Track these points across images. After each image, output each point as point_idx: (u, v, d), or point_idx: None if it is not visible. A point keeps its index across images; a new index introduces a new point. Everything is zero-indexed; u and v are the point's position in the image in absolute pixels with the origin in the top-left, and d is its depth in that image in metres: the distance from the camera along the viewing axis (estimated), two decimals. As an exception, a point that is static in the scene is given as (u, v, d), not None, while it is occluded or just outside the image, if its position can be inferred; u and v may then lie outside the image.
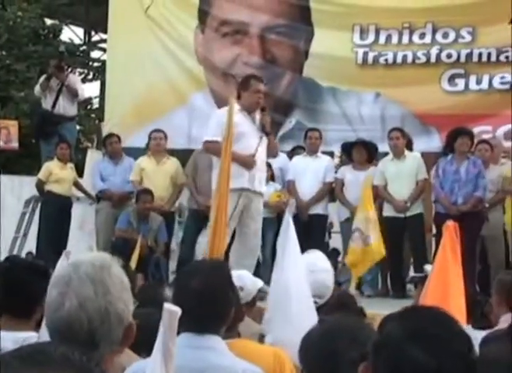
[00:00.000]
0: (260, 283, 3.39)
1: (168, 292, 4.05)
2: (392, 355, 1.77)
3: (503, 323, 4.27)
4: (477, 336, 3.46)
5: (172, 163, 9.80)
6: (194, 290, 2.80)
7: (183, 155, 10.03)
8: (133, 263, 7.85)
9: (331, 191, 9.52)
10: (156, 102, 10.73)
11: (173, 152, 10.05)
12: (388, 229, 8.52)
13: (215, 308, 2.81)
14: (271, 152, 7.95)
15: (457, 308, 3.51)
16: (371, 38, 10.26)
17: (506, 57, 9.84)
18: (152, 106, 10.71)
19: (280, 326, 3.39)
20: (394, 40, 10.20)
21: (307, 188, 9.31)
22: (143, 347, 2.58)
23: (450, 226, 4.08)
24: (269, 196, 9.13)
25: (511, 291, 4.64)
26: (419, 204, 9.00)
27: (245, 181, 7.40)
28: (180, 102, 10.82)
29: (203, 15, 10.88)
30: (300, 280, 3.51)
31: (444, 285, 3.78)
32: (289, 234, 3.65)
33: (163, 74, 10.91)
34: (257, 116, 7.59)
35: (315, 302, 3.81)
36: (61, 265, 3.86)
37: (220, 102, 10.61)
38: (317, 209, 9.32)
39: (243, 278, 3.07)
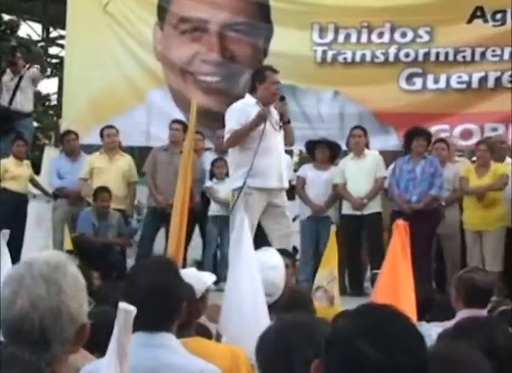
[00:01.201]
0: (209, 281, 3.37)
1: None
2: (343, 351, 1.78)
3: (458, 318, 4.31)
4: (431, 332, 3.50)
5: (125, 160, 9.74)
6: (143, 287, 2.79)
7: (141, 153, 9.98)
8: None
9: (291, 188, 9.53)
10: (115, 100, 10.67)
11: (131, 149, 10.00)
12: (346, 227, 8.57)
13: (164, 305, 2.80)
14: (289, 140, 7.80)
15: (407, 305, 3.54)
16: (330, 37, 10.30)
17: (464, 57, 9.95)
18: (111, 103, 10.64)
19: (235, 325, 3.38)
20: (353, 38, 10.26)
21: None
22: (99, 347, 2.57)
23: (400, 225, 4.11)
24: (227, 194, 9.12)
25: (470, 287, 4.70)
26: (377, 203, 9.05)
27: (272, 180, 7.32)
28: (138, 100, 10.77)
29: (162, 11, 10.83)
30: (254, 278, 3.51)
31: (394, 283, 3.81)
32: (243, 232, 3.64)
33: (121, 71, 10.85)
34: (272, 106, 7.43)
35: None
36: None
37: (178, 99, 10.61)
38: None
39: (189, 276, 3.07)
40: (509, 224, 8.83)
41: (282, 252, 4.67)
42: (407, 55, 10.06)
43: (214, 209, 9.25)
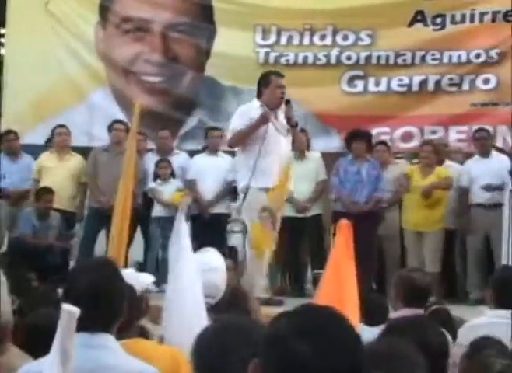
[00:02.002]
0: (147, 281, 3.36)
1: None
2: (280, 352, 1.79)
3: (394, 317, 4.37)
4: (367, 334, 3.54)
5: (75, 160, 9.65)
6: (82, 288, 2.77)
7: (83, 153, 9.89)
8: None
9: (234, 190, 9.55)
10: (56, 99, 10.54)
11: (72, 149, 9.90)
12: (288, 229, 8.61)
13: (104, 305, 2.78)
14: (298, 144, 7.80)
15: (351, 306, 3.56)
16: (273, 38, 10.35)
17: (404, 60, 10.06)
18: (52, 103, 10.52)
19: (175, 327, 3.38)
20: (296, 41, 10.31)
21: (209, 187, 9.31)
22: (41, 348, 2.55)
23: (343, 225, 4.14)
24: (172, 195, 9.11)
25: (409, 287, 4.78)
26: (318, 205, 9.12)
27: (272, 181, 7.34)
28: (80, 99, 10.66)
29: (104, 10, 10.73)
30: (194, 280, 3.50)
31: (338, 284, 3.83)
32: (181, 234, 3.62)
33: (63, 70, 10.72)
34: (280, 112, 7.49)
35: (205, 302, 3.83)
36: None
37: (121, 99, 10.54)
38: (220, 208, 9.34)
39: (127, 277, 3.05)
40: (448, 225, 8.98)
41: (224, 253, 4.67)
42: (349, 58, 10.15)
43: (157, 210, 9.21)
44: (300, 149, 8.83)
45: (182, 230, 3.61)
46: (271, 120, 7.28)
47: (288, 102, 7.54)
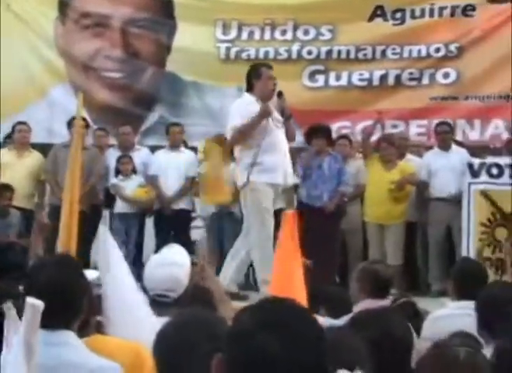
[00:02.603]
0: (92, 277, 3.31)
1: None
2: (245, 346, 1.78)
3: (358, 309, 4.38)
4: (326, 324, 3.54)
5: (33, 157, 9.54)
6: (43, 284, 2.74)
7: (43, 149, 9.79)
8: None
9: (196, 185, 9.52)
10: (16, 95, 10.43)
11: (33, 146, 9.79)
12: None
13: (65, 302, 2.75)
14: (291, 137, 7.75)
15: (299, 295, 3.55)
16: (234, 33, 10.33)
17: (365, 55, 10.10)
18: (12, 99, 10.39)
19: (117, 328, 3.32)
20: (257, 36, 10.31)
21: (171, 183, 9.27)
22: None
23: (288, 215, 4.12)
24: (134, 191, 9.06)
25: (372, 278, 4.81)
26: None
27: (279, 176, 7.27)
28: (40, 95, 10.56)
29: (63, 6, 10.63)
30: (125, 281, 3.42)
31: (286, 273, 3.83)
32: (107, 243, 3.50)
33: (22, 66, 10.61)
34: (271, 103, 7.42)
35: (167, 296, 3.80)
36: None
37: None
38: (181, 204, 9.31)
39: None
40: (409, 218, 9.03)
41: (190, 250, 4.67)
42: (309, 53, 10.17)
43: (120, 206, 9.15)
44: None
45: (107, 240, 3.50)
46: (272, 114, 7.23)
47: (280, 94, 7.47)
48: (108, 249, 3.43)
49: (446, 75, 9.98)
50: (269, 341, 1.74)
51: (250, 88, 7.50)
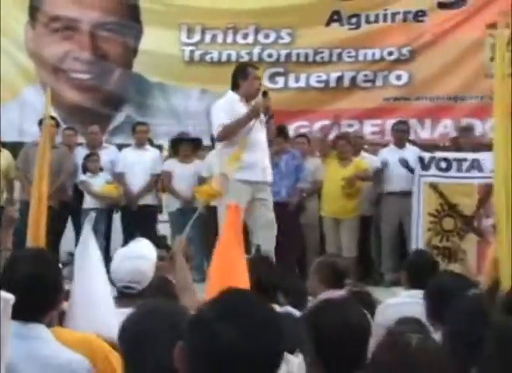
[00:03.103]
0: None
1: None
2: (204, 334, 1.78)
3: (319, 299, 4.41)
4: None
5: (3, 156, 9.43)
6: (18, 278, 2.70)
7: (13, 148, 9.70)
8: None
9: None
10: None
11: (3, 145, 9.69)
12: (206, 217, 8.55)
13: (40, 295, 2.72)
14: (271, 135, 7.66)
15: (241, 284, 3.52)
16: (197, 37, 10.31)
17: (322, 58, 10.13)
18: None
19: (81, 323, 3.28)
20: (219, 39, 10.30)
21: (137, 179, 9.26)
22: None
23: (232, 207, 4.10)
24: (102, 187, 9.02)
25: (330, 270, 4.85)
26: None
27: (258, 174, 7.19)
28: (12, 97, 10.46)
29: (34, 10, 10.53)
30: (98, 276, 3.37)
31: (227, 263, 3.80)
32: (89, 241, 3.46)
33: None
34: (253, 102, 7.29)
35: (132, 288, 3.79)
36: None
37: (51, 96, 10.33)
38: (147, 200, 9.30)
39: None
40: (363, 213, 9.09)
41: (159, 245, 4.63)
42: (270, 55, 10.18)
43: (88, 202, 9.10)
44: None
45: (90, 240, 3.45)
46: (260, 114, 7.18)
47: (265, 93, 7.44)
48: (88, 248, 3.39)
49: (398, 77, 10.06)
50: (226, 330, 1.74)
51: (235, 87, 7.42)
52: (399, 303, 4.61)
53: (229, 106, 7.23)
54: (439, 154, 8.58)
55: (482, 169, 7.86)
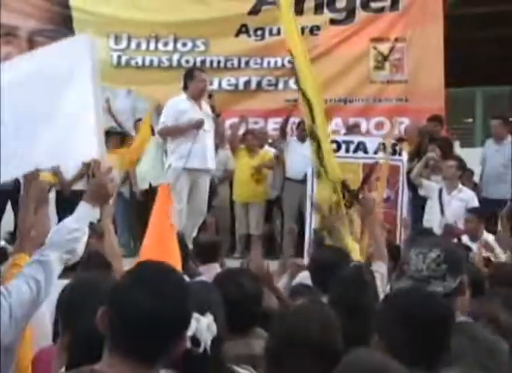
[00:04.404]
0: None
1: None
2: (120, 299, 1.80)
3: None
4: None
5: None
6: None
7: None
8: None
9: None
10: None
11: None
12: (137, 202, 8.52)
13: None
14: (220, 133, 7.75)
15: (172, 258, 3.53)
16: (124, 44, 10.20)
17: (232, 64, 10.17)
18: None
19: None
20: (143, 46, 10.22)
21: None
22: None
23: (164, 187, 4.10)
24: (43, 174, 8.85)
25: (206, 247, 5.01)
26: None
27: (196, 161, 7.08)
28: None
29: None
30: None
31: (158, 239, 3.79)
32: None
33: None
34: (203, 102, 7.37)
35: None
36: None
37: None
38: (80, 185, 9.17)
39: None
40: (269, 197, 9.20)
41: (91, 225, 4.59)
42: (187, 61, 10.13)
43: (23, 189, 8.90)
44: None
45: None
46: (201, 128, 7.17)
47: (210, 95, 7.60)
48: None
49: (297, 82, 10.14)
50: (140, 295, 1.77)
51: (185, 88, 7.44)
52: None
53: (172, 106, 7.28)
54: (330, 137, 8.63)
55: (366, 150, 7.93)
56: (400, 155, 7.86)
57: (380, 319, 2.28)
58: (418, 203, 8.27)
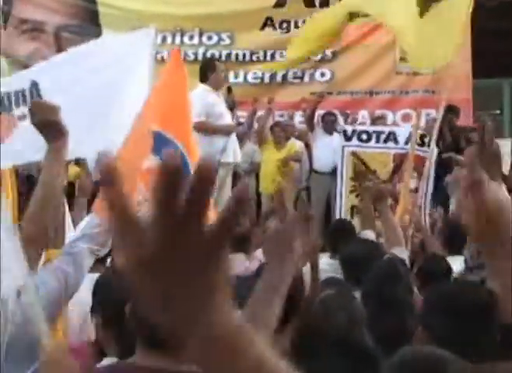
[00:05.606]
0: None
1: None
2: None
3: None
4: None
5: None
6: None
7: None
8: None
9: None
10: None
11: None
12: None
13: None
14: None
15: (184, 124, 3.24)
16: (150, 38, 10.14)
17: (258, 58, 10.08)
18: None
19: None
20: (169, 40, 10.15)
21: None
22: None
23: (175, 52, 3.82)
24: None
25: None
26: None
27: (231, 155, 7.10)
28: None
29: (6, 15, 10.25)
30: None
31: (171, 103, 3.43)
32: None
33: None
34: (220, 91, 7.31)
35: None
36: None
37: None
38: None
39: None
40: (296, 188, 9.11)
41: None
42: (212, 55, 10.06)
43: None
44: None
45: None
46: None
47: (229, 88, 7.67)
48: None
49: (322, 74, 10.07)
50: None
51: (204, 80, 7.22)
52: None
53: (204, 97, 7.03)
54: (360, 127, 8.48)
55: (397, 141, 7.79)
56: (429, 146, 7.70)
57: (424, 310, 2.21)
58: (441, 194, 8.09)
